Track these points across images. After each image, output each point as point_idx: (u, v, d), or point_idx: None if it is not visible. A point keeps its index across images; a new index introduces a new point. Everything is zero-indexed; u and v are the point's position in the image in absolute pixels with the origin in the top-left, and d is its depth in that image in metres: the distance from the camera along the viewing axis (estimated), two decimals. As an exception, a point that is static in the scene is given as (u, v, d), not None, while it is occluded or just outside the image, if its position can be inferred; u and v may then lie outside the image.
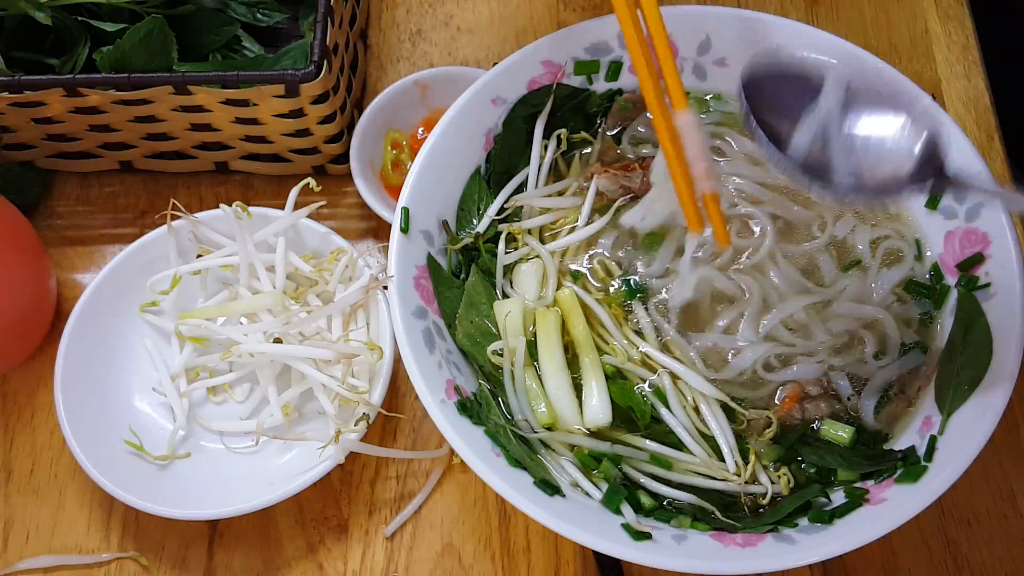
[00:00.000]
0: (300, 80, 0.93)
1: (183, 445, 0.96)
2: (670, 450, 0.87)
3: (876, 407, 0.88)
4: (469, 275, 0.94)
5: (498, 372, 0.90)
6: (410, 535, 0.96)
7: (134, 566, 0.96)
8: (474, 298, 0.93)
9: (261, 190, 1.11)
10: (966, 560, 0.93)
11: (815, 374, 0.89)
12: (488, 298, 0.93)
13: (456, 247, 0.94)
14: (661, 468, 0.87)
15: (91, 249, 1.09)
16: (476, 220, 0.96)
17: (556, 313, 0.91)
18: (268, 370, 0.95)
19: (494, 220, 0.96)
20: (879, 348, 0.89)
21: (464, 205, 0.97)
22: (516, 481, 0.82)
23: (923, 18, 1.16)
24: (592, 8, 1.19)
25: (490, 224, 0.96)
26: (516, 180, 0.98)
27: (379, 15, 1.20)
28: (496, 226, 0.96)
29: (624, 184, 0.96)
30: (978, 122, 1.10)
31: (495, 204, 0.97)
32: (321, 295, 0.99)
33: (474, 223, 0.96)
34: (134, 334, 1.00)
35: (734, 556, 0.80)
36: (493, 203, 0.97)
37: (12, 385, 1.03)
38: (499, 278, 0.94)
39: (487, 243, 0.96)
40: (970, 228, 0.90)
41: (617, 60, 0.99)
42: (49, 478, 0.99)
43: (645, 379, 0.90)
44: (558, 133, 0.99)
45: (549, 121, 0.99)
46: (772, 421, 0.88)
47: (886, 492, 0.83)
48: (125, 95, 0.96)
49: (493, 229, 0.96)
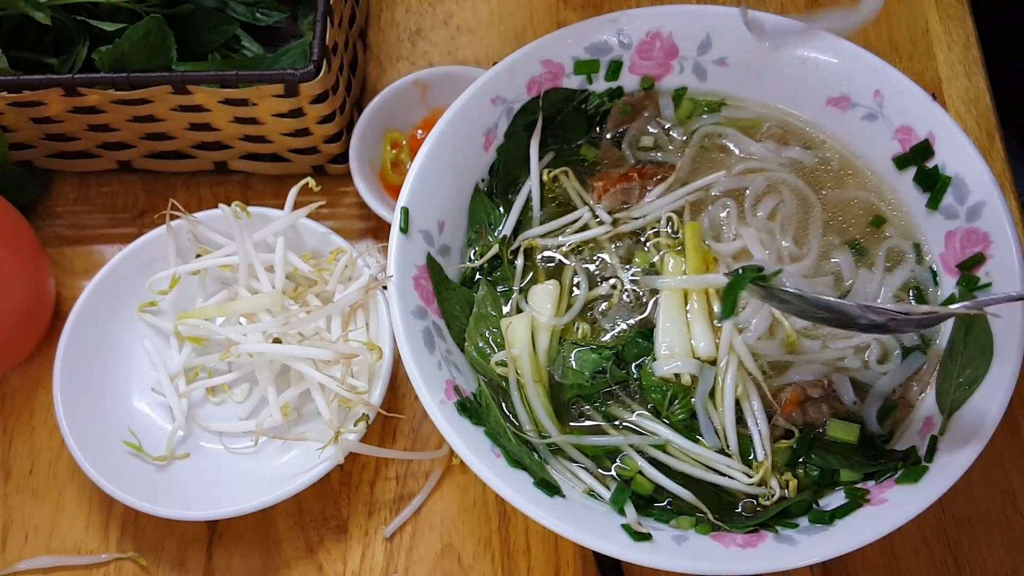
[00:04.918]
0: (299, 80, 0.93)
1: (182, 445, 0.96)
2: (685, 440, 0.86)
3: (879, 413, 0.88)
4: (478, 288, 0.94)
5: (504, 383, 0.90)
6: (410, 536, 0.95)
7: (133, 567, 0.95)
8: (483, 311, 0.92)
9: (260, 190, 1.11)
10: (966, 560, 0.93)
11: (817, 375, 0.89)
12: (497, 310, 0.93)
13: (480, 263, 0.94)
14: (666, 455, 0.86)
15: (90, 249, 1.09)
16: (491, 237, 0.96)
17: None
18: (267, 370, 0.95)
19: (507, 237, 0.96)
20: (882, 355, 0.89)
21: (474, 222, 0.97)
22: (516, 481, 0.82)
23: (924, 17, 1.16)
24: (592, 8, 1.19)
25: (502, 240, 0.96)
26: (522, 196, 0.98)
27: (379, 15, 1.20)
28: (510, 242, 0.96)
29: (624, 199, 0.97)
30: (979, 121, 1.10)
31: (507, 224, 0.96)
32: (320, 295, 0.99)
33: (490, 240, 0.96)
34: (133, 334, 1.00)
35: (734, 556, 0.80)
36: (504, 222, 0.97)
37: (11, 385, 1.03)
38: (515, 294, 0.94)
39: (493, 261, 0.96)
40: (971, 228, 0.90)
41: (617, 60, 0.99)
42: (48, 478, 0.99)
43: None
44: (553, 173, 0.98)
45: (549, 127, 0.99)
46: (794, 432, 0.87)
47: (887, 492, 0.83)
48: (124, 95, 0.96)
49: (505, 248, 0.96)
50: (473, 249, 0.96)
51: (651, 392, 0.88)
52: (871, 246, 0.94)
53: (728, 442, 0.86)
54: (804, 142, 0.98)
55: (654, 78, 1.00)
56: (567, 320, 0.92)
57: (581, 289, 0.93)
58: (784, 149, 0.98)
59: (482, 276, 0.95)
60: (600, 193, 0.97)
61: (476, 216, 0.97)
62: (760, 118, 1.00)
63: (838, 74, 0.95)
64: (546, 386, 0.89)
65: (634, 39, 0.99)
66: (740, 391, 0.87)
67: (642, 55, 0.99)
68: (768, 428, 0.87)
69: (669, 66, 1.00)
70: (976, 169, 0.89)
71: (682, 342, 0.89)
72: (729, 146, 0.98)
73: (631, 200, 0.97)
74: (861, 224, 0.95)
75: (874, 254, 0.93)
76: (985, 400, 0.83)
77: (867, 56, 0.94)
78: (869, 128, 0.95)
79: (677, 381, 0.88)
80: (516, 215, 0.97)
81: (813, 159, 0.97)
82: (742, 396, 0.88)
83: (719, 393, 0.88)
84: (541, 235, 0.96)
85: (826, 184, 0.97)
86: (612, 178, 0.98)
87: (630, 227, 0.96)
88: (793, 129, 0.99)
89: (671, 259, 0.92)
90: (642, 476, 0.86)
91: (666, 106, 1.01)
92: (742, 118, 1.00)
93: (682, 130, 1.00)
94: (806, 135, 0.99)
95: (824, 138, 0.98)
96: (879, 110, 0.94)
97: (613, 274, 0.94)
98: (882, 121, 0.95)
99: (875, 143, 0.96)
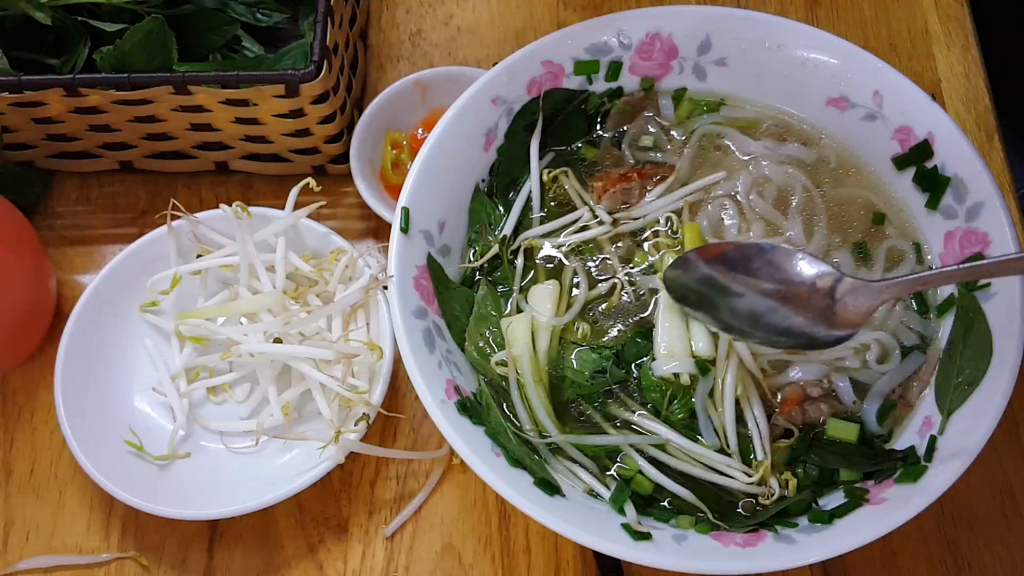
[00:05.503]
0: (300, 80, 0.93)
1: (183, 445, 0.96)
2: (684, 439, 0.86)
3: (879, 412, 0.88)
4: (478, 288, 0.94)
5: (505, 383, 0.90)
6: (410, 535, 0.96)
7: (134, 566, 0.96)
8: (483, 311, 0.93)
9: (261, 190, 1.11)
10: (966, 560, 0.93)
11: (816, 375, 0.89)
12: (498, 310, 0.93)
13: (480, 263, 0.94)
14: (666, 454, 0.86)
15: (91, 249, 1.09)
16: (491, 237, 0.96)
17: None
18: (268, 370, 0.95)
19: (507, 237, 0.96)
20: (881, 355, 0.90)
21: (474, 222, 0.97)
22: (516, 481, 0.82)
23: (923, 18, 1.16)
24: (592, 8, 1.19)
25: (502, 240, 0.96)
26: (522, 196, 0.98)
27: (379, 15, 1.20)
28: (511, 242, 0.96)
29: (624, 199, 0.97)
30: (978, 122, 1.10)
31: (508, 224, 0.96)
32: (321, 295, 0.99)
33: (490, 240, 0.96)
34: (134, 334, 1.00)
35: (734, 556, 0.80)
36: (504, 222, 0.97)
37: (12, 385, 1.03)
38: (515, 294, 0.94)
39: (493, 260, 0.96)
40: (970, 228, 0.90)
41: (617, 60, 0.99)
42: (49, 478, 0.99)
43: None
44: (553, 173, 0.99)
45: (548, 128, 0.99)
46: (794, 431, 0.87)
47: (886, 492, 0.83)
48: (125, 95, 0.96)
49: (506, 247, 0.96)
50: (473, 249, 0.96)
51: (650, 392, 0.88)
52: (872, 244, 0.94)
53: (728, 441, 0.87)
54: (803, 140, 0.99)
55: (654, 78, 1.01)
56: (567, 320, 0.92)
57: (581, 289, 0.94)
58: (782, 146, 0.98)
59: (482, 276, 0.95)
60: (600, 193, 0.97)
61: (476, 216, 0.97)
62: (759, 117, 1.00)
63: (837, 75, 0.96)
64: (546, 386, 0.89)
65: (634, 40, 0.99)
66: (740, 391, 0.87)
67: (642, 56, 0.99)
68: (768, 427, 0.87)
69: (669, 67, 1.00)
70: (975, 169, 0.89)
71: (681, 342, 0.89)
72: (728, 146, 0.99)
73: (631, 200, 0.97)
74: (862, 221, 0.95)
75: (874, 253, 0.93)
76: (984, 400, 0.83)
77: (866, 57, 0.95)
78: (868, 129, 0.96)
79: (676, 381, 0.88)
80: (516, 215, 0.97)
81: (812, 156, 0.98)
82: (742, 396, 0.88)
83: (718, 393, 0.88)
84: (541, 235, 0.96)
85: (824, 182, 0.97)
86: (612, 178, 0.98)
87: (630, 227, 0.96)
88: (792, 128, 0.99)
89: (671, 258, 0.92)
90: (642, 476, 0.86)
91: (666, 106, 1.01)
92: (741, 117, 1.00)
93: (682, 130, 1.00)
94: (805, 134, 0.99)
95: (822, 136, 0.98)
96: (878, 111, 0.95)
97: (613, 274, 0.94)
98: (881, 122, 0.95)
99: (874, 144, 0.96)
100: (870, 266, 0.93)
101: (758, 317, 0.85)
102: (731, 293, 0.87)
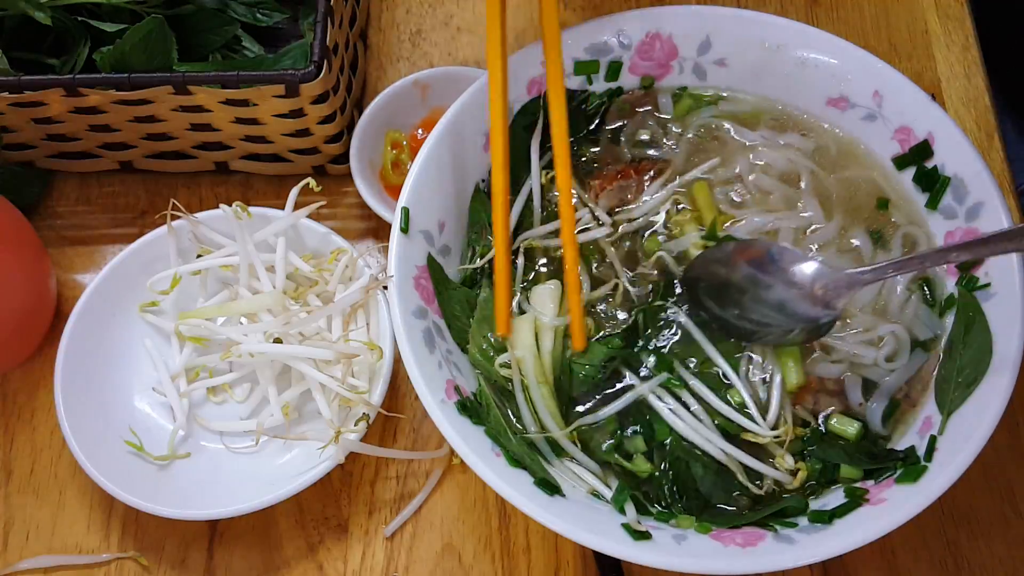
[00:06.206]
0: (300, 80, 0.93)
1: (183, 445, 0.96)
2: (703, 385, 0.88)
3: (884, 413, 0.88)
4: (479, 288, 0.94)
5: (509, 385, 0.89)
6: (410, 535, 0.96)
7: (134, 566, 0.96)
8: (486, 312, 0.92)
9: (261, 190, 1.11)
10: (966, 560, 0.93)
11: (832, 373, 0.89)
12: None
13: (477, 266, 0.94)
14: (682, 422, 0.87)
15: (91, 249, 1.09)
16: (492, 237, 0.96)
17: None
18: (268, 370, 0.95)
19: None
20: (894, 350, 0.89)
21: (475, 222, 0.96)
22: (516, 481, 0.82)
23: (923, 18, 1.16)
24: (592, 8, 1.19)
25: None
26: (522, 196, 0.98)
27: (379, 15, 1.20)
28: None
29: (621, 196, 0.97)
30: (978, 122, 1.10)
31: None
32: (321, 295, 0.99)
33: (490, 240, 0.96)
34: (134, 334, 1.00)
35: (734, 556, 0.80)
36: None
37: (12, 385, 1.03)
38: (517, 295, 0.94)
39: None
40: (970, 228, 0.90)
41: (617, 60, 0.99)
42: (49, 478, 0.99)
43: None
44: (551, 175, 0.98)
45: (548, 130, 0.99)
46: (810, 422, 0.88)
47: (886, 492, 0.83)
48: (125, 95, 0.96)
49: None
50: (473, 249, 0.96)
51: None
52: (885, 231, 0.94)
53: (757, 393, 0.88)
54: (802, 131, 0.98)
55: (654, 78, 1.01)
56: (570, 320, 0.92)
57: (583, 290, 0.94)
58: (782, 135, 0.98)
59: (483, 277, 0.95)
60: (597, 191, 0.97)
61: (476, 216, 0.97)
62: (758, 111, 1.00)
63: (837, 75, 0.96)
64: (551, 387, 0.89)
65: (634, 40, 0.99)
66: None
67: (642, 56, 0.99)
68: (789, 399, 0.88)
69: (669, 67, 1.00)
70: (975, 169, 0.89)
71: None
72: (726, 134, 0.98)
73: (628, 197, 0.97)
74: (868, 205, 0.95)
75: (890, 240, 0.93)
76: (984, 400, 0.83)
77: (866, 57, 0.95)
78: (868, 129, 0.96)
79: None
80: (516, 215, 0.97)
81: (811, 145, 0.97)
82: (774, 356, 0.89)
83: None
84: (541, 236, 0.96)
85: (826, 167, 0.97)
86: (608, 176, 0.98)
87: (630, 227, 0.96)
88: (791, 120, 0.99)
89: (691, 230, 0.94)
90: (642, 458, 0.86)
91: (665, 104, 1.01)
92: (739, 111, 1.00)
93: (680, 125, 1.00)
94: (804, 123, 0.99)
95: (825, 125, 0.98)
96: (878, 111, 0.95)
97: (614, 274, 0.94)
98: (881, 122, 0.95)
99: (874, 144, 0.96)
100: (887, 248, 0.93)
101: (781, 305, 0.89)
102: (745, 288, 0.89)
